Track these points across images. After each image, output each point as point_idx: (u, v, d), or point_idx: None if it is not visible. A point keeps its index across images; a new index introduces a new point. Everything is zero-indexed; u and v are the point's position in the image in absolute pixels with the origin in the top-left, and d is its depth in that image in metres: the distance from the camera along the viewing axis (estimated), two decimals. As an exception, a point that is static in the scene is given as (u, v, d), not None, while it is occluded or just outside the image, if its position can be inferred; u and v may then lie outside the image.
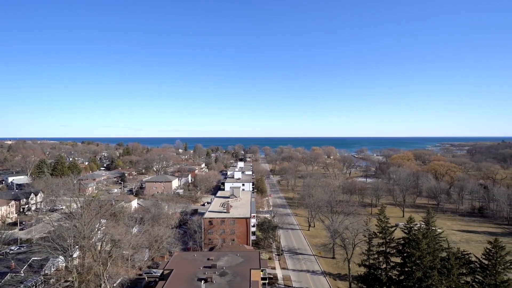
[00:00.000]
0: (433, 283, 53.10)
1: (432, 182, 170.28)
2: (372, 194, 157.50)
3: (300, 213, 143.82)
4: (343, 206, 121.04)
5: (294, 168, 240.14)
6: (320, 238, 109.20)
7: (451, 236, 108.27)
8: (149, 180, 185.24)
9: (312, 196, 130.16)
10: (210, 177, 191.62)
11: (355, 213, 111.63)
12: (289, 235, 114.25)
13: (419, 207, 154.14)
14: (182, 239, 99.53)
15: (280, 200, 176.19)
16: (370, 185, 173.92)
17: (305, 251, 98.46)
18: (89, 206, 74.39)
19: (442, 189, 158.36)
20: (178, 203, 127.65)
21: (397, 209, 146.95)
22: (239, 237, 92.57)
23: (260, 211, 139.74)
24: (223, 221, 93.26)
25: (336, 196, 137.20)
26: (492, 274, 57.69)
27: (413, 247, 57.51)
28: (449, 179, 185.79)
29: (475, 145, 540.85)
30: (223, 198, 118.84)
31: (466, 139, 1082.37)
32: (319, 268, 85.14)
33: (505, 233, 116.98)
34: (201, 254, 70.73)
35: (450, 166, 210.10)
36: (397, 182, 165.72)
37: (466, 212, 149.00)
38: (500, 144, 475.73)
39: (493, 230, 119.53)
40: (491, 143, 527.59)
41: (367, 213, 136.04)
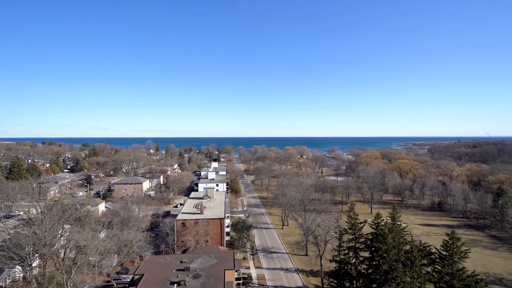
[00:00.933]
0: (398, 275, 56.27)
1: (397, 179, 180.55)
2: (343, 192, 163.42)
3: (274, 212, 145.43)
4: (316, 204, 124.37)
5: (268, 168, 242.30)
6: (293, 236, 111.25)
7: (414, 230, 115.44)
8: (118, 182, 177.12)
9: (285, 195, 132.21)
10: (183, 178, 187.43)
11: (326, 210, 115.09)
12: (263, 234, 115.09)
13: (386, 203, 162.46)
14: (154, 242, 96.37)
15: (255, 199, 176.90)
16: (340, 184, 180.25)
17: (279, 249, 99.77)
18: (51, 211, 69.48)
19: (406, 186, 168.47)
20: (149, 205, 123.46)
21: (365, 206, 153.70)
22: (213, 238, 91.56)
23: (234, 211, 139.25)
24: (197, 222, 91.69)
25: (309, 194, 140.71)
26: (449, 263, 62.41)
27: (380, 242, 60.50)
28: (412, 176, 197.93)
29: (435, 145, 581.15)
30: (196, 199, 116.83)
31: (427, 139, 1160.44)
32: (293, 266, 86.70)
33: (461, 225, 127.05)
34: (174, 257, 68.95)
35: (413, 164, 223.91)
36: (366, 180, 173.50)
37: (427, 207, 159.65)
38: (456, 144, 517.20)
39: (450, 223, 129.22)
40: (449, 143, 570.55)
41: (338, 211, 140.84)
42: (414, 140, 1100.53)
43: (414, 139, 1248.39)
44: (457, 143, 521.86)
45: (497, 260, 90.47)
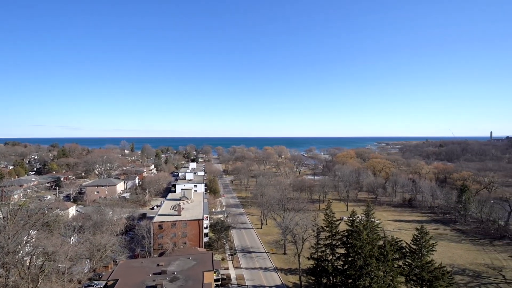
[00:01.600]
0: (372, 270, 58.46)
1: (371, 178, 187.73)
2: (320, 191, 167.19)
3: (253, 212, 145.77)
4: (294, 203, 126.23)
5: (247, 168, 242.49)
6: (272, 235, 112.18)
7: (387, 226, 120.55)
8: (90, 184, 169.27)
9: (264, 194, 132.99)
10: (160, 179, 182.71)
11: (304, 209, 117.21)
12: (242, 234, 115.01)
13: (361, 201, 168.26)
14: (129, 246, 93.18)
15: (233, 200, 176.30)
16: (318, 182, 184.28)
17: (258, 249, 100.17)
18: (15, 216, 64.98)
19: (379, 184, 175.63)
20: (124, 207, 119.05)
21: (342, 204, 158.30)
22: (192, 240, 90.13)
23: (213, 212, 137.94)
24: (174, 224, 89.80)
25: (287, 194, 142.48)
26: (419, 257, 65.81)
27: (355, 238, 62.54)
28: (385, 174, 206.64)
29: (406, 144, 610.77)
30: (174, 201, 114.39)
31: (398, 139, 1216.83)
32: (271, 265, 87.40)
33: (429, 220, 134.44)
34: (150, 261, 67.06)
35: (385, 163, 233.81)
36: (342, 178, 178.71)
37: (398, 203, 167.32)
38: (425, 143, 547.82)
39: (420, 218, 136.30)
40: (418, 142, 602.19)
41: (315, 209, 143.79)
42: (386, 140, 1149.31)
43: (386, 139, 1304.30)
44: (425, 143, 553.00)
45: (461, 252, 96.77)
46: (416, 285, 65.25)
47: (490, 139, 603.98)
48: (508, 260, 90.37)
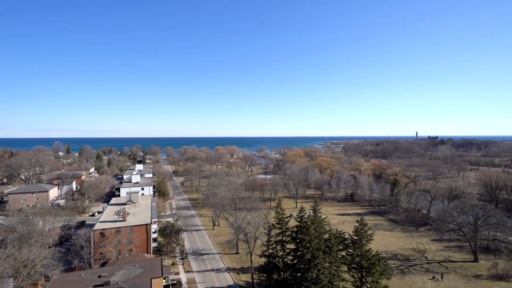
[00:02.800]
0: (319, 262, 62.11)
1: (318, 175, 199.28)
2: (271, 189, 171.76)
3: (204, 213, 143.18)
4: (246, 202, 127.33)
5: (198, 169, 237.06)
6: (224, 235, 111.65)
7: (332, 220, 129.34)
8: (14, 192, 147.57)
9: (216, 195, 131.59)
10: (101, 183, 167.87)
11: (256, 208, 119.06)
12: (194, 236, 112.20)
13: (309, 197, 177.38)
14: (65, 258, 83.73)
15: (184, 202, 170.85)
16: (269, 181, 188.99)
17: (210, 250, 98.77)
18: None
19: (325, 181, 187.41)
20: (58, 216, 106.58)
21: (291, 201, 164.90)
22: (139, 246, 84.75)
23: (162, 216, 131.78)
24: (119, 230, 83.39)
25: (239, 193, 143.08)
26: (359, 246, 71.96)
27: (303, 233, 65.74)
28: (330, 172, 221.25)
29: (348, 143, 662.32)
30: (118, 205, 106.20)
31: (342, 138, 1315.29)
32: (224, 265, 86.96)
33: (368, 212, 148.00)
34: (90, 272, 61.23)
35: (330, 161, 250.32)
36: (291, 177, 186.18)
37: (342, 198, 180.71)
38: (364, 142, 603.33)
39: (360, 211, 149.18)
40: (358, 141, 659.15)
41: (267, 207, 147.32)
42: (331, 140, 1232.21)
43: (331, 139, 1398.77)
44: (364, 142, 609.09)
45: (393, 239, 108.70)
46: (357, 273, 71.31)
47: (415, 138, 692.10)
48: (430, 244, 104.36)
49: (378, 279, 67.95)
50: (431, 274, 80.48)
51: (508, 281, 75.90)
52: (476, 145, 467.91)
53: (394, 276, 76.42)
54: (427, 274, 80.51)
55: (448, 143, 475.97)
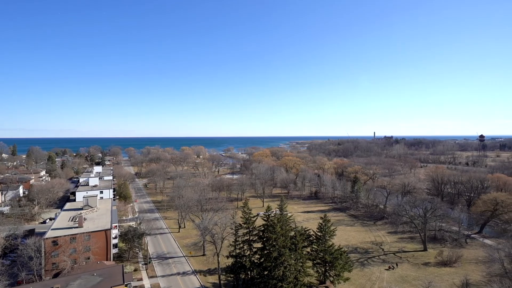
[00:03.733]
0: (285, 259, 63.58)
1: (284, 174, 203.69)
2: (238, 189, 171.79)
3: (170, 216, 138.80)
4: (213, 203, 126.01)
5: (162, 170, 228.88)
6: (190, 238, 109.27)
7: (297, 217, 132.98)
8: None
9: (182, 196, 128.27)
10: (53, 187, 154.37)
11: (223, 208, 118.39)
12: (158, 240, 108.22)
13: (275, 196, 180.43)
14: (10, 271, 75.78)
15: (148, 204, 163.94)
16: (236, 181, 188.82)
17: (175, 253, 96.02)
18: None
19: (291, 180, 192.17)
20: (1, 225, 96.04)
21: (258, 200, 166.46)
22: (97, 253, 79.52)
23: (123, 220, 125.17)
24: (74, 238, 77.47)
25: (206, 194, 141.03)
26: (323, 242, 74.99)
27: (270, 232, 66.82)
28: (296, 171, 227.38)
29: (312, 143, 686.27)
30: (74, 211, 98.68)
31: (306, 138, 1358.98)
32: (190, 268, 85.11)
33: (331, 209, 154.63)
34: (41, 285, 56.20)
35: (296, 160, 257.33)
36: (258, 176, 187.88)
37: (306, 196, 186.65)
38: (327, 142, 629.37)
39: (323, 208, 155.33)
40: (322, 141, 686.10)
41: (234, 207, 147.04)
42: (297, 140, 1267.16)
43: (297, 139, 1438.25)
44: (327, 142, 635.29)
45: (354, 234, 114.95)
46: (321, 267, 74.27)
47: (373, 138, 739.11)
48: (386, 236, 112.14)
49: (340, 272, 71.48)
50: (387, 264, 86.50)
51: (451, 266, 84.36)
52: (425, 144, 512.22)
53: (354, 268, 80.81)
54: (383, 265, 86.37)
55: (402, 143, 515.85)
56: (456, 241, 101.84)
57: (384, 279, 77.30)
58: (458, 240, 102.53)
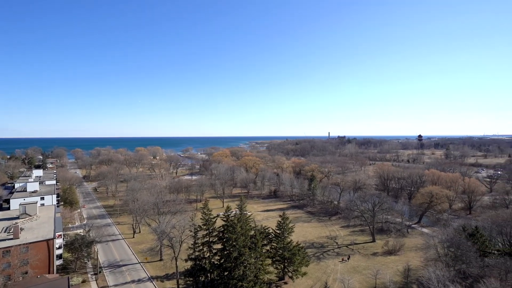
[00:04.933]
0: (245, 259, 63.97)
1: (244, 174, 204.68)
2: (197, 190, 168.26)
3: (123, 221, 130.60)
4: (170, 205, 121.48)
5: (115, 172, 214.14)
6: (146, 243, 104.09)
7: (257, 216, 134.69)
8: None
9: (137, 200, 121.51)
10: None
11: (182, 210, 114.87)
12: (110, 247, 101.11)
13: (235, 196, 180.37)
14: None
15: (98, 210, 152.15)
16: (195, 182, 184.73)
17: (130, 260, 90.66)
18: None
19: (251, 179, 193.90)
20: None
21: (218, 201, 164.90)
22: (38, 267, 71.42)
23: (69, 228, 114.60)
24: (8, 251, 68.60)
25: (163, 196, 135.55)
26: (281, 239, 76.99)
27: (230, 232, 66.67)
28: (255, 170, 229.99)
29: (271, 143, 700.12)
30: (7, 220, 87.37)
31: (266, 138, 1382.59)
32: (146, 275, 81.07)
33: (289, 207, 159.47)
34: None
35: (255, 160, 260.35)
36: (218, 176, 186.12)
37: (266, 195, 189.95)
38: (285, 142, 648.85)
39: (282, 206, 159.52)
40: (281, 141, 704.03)
41: (193, 209, 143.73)
42: (256, 139, 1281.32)
43: (256, 138, 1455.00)
44: (286, 141, 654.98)
45: (311, 229, 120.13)
46: (280, 264, 76.21)
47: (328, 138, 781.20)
48: (340, 230, 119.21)
49: (298, 267, 74.14)
50: (341, 257, 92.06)
51: (396, 254, 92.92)
52: (373, 144, 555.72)
53: (311, 262, 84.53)
54: (337, 257, 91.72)
55: (353, 142, 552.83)
56: (400, 232, 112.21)
57: (338, 271, 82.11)
58: (401, 231, 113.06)
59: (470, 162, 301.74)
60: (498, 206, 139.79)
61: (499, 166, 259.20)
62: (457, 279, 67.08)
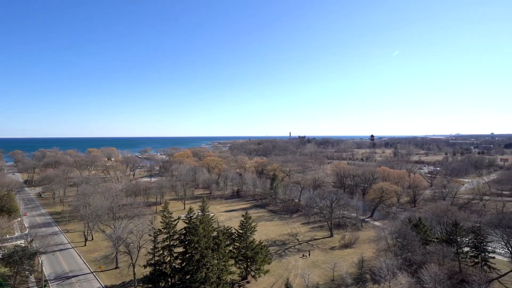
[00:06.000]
0: (208, 260, 63.05)
1: (206, 174, 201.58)
2: (157, 192, 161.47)
3: (73, 228, 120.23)
4: (127, 209, 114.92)
5: (63, 175, 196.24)
6: (100, 250, 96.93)
7: (220, 217, 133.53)
8: None
9: (89, 205, 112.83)
10: None
11: (140, 214, 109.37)
12: (58, 258, 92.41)
13: (197, 197, 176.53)
14: None
15: (43, 217, 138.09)
16: (155, 184, 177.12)
17: (81, 271, 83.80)
18: None
19: (213, 180, 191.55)
20: None
21: (179, 203, 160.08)
22: (-34, 286, 62.61)
23: (7, 239, 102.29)
24: None
25: (119, 200, 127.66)
26: (244, 239, 77.38)
27: (192, 234, 65.23)
28: (218, 170, 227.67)
29: (234, 143, 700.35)
30: None
31: (228, 138, 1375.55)
32: (100, 284, 75.66)
33: (252, 206, 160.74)
34: None
35: (218, 160, 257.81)
36: (179, 178, 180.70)
37: (229, 195, 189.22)
38: (248, 141, 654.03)
39: (245, 206, 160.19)
40: (243, 141, 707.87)
41: (152, 212, 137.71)
42: (219, 139, 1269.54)
43: (219, 138, 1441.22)
44: (248, 141, 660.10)
45: (273, 228, 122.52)
46: (243, 263, 76.51)
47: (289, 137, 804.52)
48: (300, 227, 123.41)
49: (260, 266, 75.16)
50: (301, 253, 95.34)
51: (351, 247, 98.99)
52: (331, 143, 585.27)
53: (273, 260, 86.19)
54: (298, 254, 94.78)
55: (313, 142, 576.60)
56: (355, 226, 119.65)
57: (299, 266, 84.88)
58: (356, 225, 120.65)
59: (415, 159, 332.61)
60: (437, 198, 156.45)
61: (438, 163, 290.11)
62: (403, 267, 73.72)
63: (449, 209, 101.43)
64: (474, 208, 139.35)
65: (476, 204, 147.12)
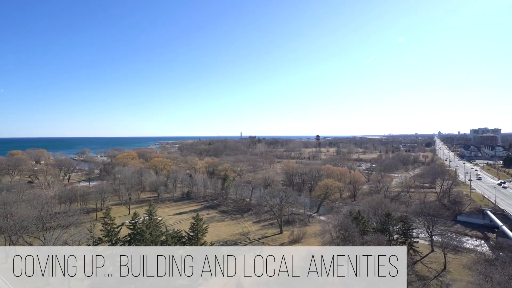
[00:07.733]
0: (155, 266, 59.97)
1: (153, 177, 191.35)
2: (97, 198, 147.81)
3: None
4: (61, 218, 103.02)
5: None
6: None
7: (169, 221, 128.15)
8: None
9: (12, 215, 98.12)
10: None
11: (76, 222, 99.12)
12: (-30, 280, 78.28)
13: (144, 201, 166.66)
14: None
15: None
16: (94, 189, 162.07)
17: (2, 292, 72.37)
18: None
19: (161, 182, 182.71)
20: None
21: (123, 208, 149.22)
22: None
23: None
24: None
25: (51, 208, 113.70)
26: (195, 241, 75.68)
27: (138, 240, 61.55)
28: (166, 172, 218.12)
29: (183, 143, 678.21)
30: None
31: (177, 138, 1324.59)
32: (27, 306, 66.39)
33: (203, 207, 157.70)
34: None
35: (166, 161, 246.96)
36: (123, 181, 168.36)
37: (178, 197, 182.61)
38: (198, 142, 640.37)
39: (196, 208, 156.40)
40: (193, 141, 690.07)
41: (92, 219, 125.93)
42: (167, 140, 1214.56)
43: (167, 139, 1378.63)
44: (198, 141, 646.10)
45: (225, 228, 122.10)
46: (194, 267, 74.47)
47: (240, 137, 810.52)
48: (252, 226, 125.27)
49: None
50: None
51: (300, 242, 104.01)
52: (280, 143, 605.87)
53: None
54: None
55: (263, 142, 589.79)
56: (302, 221, 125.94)
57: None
58: (304, 220, 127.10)
59: (354, 157, 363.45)
60: (373, 192, 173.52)
61: (374, 160, 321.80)
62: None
63: (383, 202, 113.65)
64: (402, 200, 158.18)
65: (404, 196, 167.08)
